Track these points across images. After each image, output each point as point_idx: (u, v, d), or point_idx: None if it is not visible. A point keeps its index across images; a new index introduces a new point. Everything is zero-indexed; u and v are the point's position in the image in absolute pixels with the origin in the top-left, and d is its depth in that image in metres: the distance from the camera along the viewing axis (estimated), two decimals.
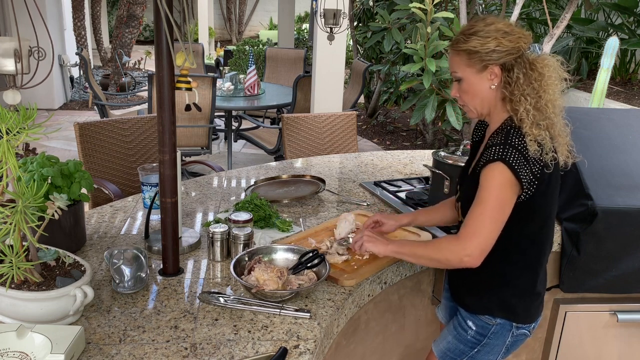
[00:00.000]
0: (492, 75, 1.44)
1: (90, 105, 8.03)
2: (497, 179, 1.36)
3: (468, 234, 1.38)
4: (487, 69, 1.43)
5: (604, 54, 3.02)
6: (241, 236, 1.66)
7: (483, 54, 1.41)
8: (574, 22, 5.48)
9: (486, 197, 1.37)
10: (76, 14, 9.54)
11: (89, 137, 2.80)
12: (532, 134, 1.38)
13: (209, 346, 1.26)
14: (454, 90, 1.53)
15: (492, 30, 1.41)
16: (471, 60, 1.44)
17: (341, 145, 3.50)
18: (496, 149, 1.38)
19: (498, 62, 1.42)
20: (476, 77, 1.45)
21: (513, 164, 1.35)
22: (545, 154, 1.39)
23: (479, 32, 1.42)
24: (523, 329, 1.57)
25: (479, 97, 1.47)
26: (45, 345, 1.14)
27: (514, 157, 1.36)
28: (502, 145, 1.38)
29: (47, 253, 1.32)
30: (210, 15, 13.04)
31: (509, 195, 1.38)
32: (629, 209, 1.87)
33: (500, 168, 1.36)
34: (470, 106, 1.51)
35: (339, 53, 4.72)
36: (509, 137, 1.39)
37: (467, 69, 1.45)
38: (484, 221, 1.37)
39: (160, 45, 1.41)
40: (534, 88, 1.41)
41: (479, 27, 1.42)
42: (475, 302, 1.58)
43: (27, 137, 1.16)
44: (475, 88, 1.47)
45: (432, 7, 4.13)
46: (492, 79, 1.44)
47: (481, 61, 1.42)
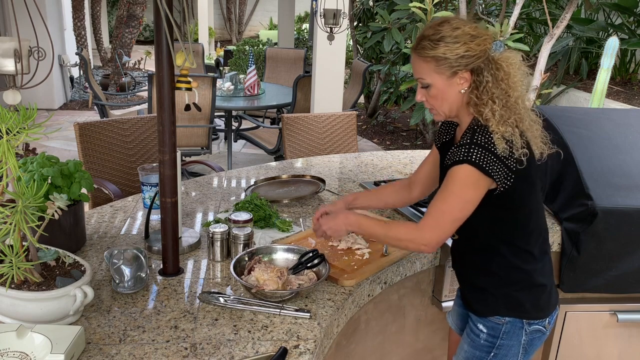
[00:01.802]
0: (461, 80, 1.40)
1: (90, 105, 8.02)
2: (461, 179, 1.37)
3: (428, 225, 1.41)
4: (457, 75, 1.40)
5: (604, 54, 3.02)
6: (241, 236, 1.66)
7: (452, 60, 1.38)
8: (574, 22, 5.48)
9: (449, 196, 1.39)
10: (76, 14, 9.53)
11: (89, 137, 2.79)
12: (499, 131, 1.37)
13: (209, 346, 1.26)
14: (420, 95, 1.49)
15: (460, 35, 1.37)
16: (440, 67, 1.39)
17: (341, 145, 3.50)
18: (462, 149, 1.37)
19: (467, 68, 1.39)
20: (445, 84, 1.42)
21: (480, 163, 1.35)
22: (515, 150, 1.37)
23: (446, 38, 1.38)
24: (536, 325, 1.53)
25: (448, 101, 1.44)
26: (45, 345, 1.14)
27: (480, 155, 1.35)
28: (467, 145, 1.37)
29: (47, 253, 1.32)
30: (210, 15, 13.04)
31: (472, 194, 1.38)
32: (629, 209, 1.87)
33: (465, 169, 1.36)
34: (439, 110, 1.48)
35: (339, 53, 4.71)
36: (475, 136, 1.38)
37: (436, 75, 1.41)
38: (444, 218, 1.40)
39: (160, 45, 1.41)
40: (502, 88, 1.39)
41: (446, 32, 1.38)
42: (482, 304, 1.55)
43: (27, 137, 1.16)
44: (444, 94, 1.43)
45: (432, 7, 4.13)
46: (461, 84, 1.41)
47: (450, 68, 1.39)
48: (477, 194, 1.39)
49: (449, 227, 1.41)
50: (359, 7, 7.61)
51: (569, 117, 2.23)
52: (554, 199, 2.09)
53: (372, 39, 5.95)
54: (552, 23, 4.48)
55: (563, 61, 5.67)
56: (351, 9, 6.83)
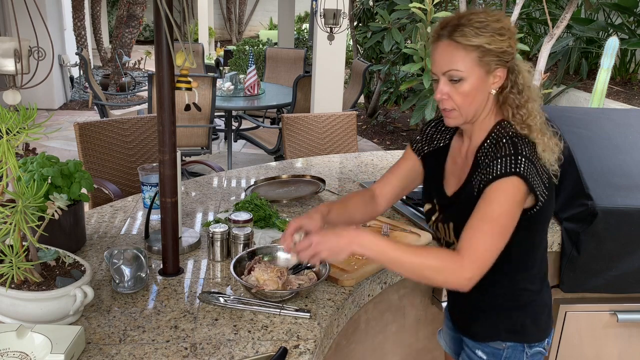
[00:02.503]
0: (495, 78, 1.27)
1: (90, 105, 8.02)
2: (511, 194, 1.21)
3: (474, 254, 1.19)
4: (493, 72, 1.26)
5: (604, 54, 3.02)
6: (241, 236, 1.66)
7: (498, 53, 1.24)
8: (574, 22, 5.48)
9: (497, 214, 1.20)
10: (76, 14, 9.53)
11: (89, 137, 2.79)
12: (541, 142, 1.25)
13: (209, 346, 1.26)
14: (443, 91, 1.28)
15: (504, 28, 1.24)
16: (483, 59, 1.24)
17: (341, 145, 3.50)
18: (507, 160, 1.22)
19: (507, 65, 1.27)
20: (482, 80, 1.26)
21: (528, 177, 1.21)
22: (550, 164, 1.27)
23: (491, 27, 1.23)
24: (536, 347, 1.43)
25: (476, 102, 1.28)
26: (45, 345, 1.14)
27: (527, 168, 1.21)
28: (513, 156, 1.22)
29: (47, 253, 1.32)
30: (210, 15, 13.04)
31: (518, 211, 1.23)
32: (629, 209, 1.87)
33: (515, 182, 1.20)
34: (463, 111, 1.29)
35: (339, 53, 4.71)
36: (519, 146, 1.24)
37: (476, 69, 1.25)
38: (492, 241, 1.20)
39: (160, 45, 1.41)
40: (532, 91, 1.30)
41: (491, 21, 1.23)
42: (481, 329, 1.45)
43: (27, 137, 1.16)
44: (477, 92, 1.27)
45: (432, 7, 4.13)
46: (494, 83, 1.28)
47: (493, 62, 1.25)
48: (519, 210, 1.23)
49: (495, 252, 1.21)
50: (359, 7, 7.61)
51: (569, 117, 2.23)
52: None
53: (372, 39, 5.95)
54: (552, 23, 4.48)
55: (563, 61, 5.67)
56: (351, 9, 6.83)
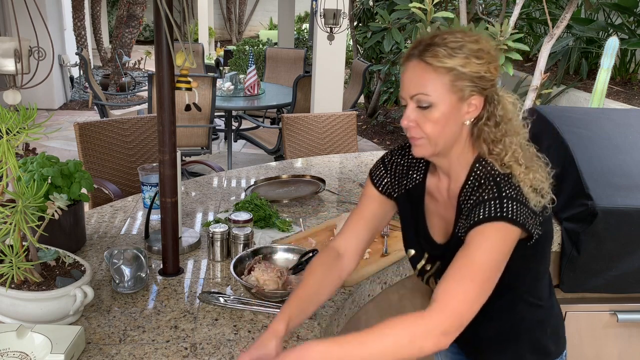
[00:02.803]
0: (470, 107, 1.12)
1: (90, 105, 8.02)
2: (497, 238, 1.09)
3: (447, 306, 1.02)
4: (467, 100, 1.11)
5: (604, 54, 3.02)
6: (241, 236, 1.66)
7: (474, 78, 1.09)
8: (574, 22, 5.48)
9: (480, 262, 1.06)
10: (76, 14, 9.53)
11: (89, 137, 2.79)
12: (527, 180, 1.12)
13: (209, 346, 1.26)
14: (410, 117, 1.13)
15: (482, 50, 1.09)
16: (456, 84, 1.09)
17: (341, 145, 3.50)
18: (492, 204, 1.09)
19: (483, 93, 1.11)
20: (454, 108, 1.11)
21: (517, 219, 1.09)
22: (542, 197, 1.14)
23: (467, 47, 1.08)
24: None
25: (448, 132, 1.13)
26: (45, 345, 1.14)
27: (516, 209, 1.09)
28: (498, 199, 1.10)
29: (47, 253, 1.32)
30: (210, 15, 13.05)
31: (507, 255, 1.10)
32: (629, 209, 1.87)
33: (502, 227, 1.08)
34: (432, 141, 1.14)
35: (339, 53, 4.72)
36: (501, 187, 1.11)
37: (448, 94, 1.09)
38: (472, 291, 1.04)
39: (160, 45, 1.41)
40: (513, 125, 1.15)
41: (467, 42, 1.09)
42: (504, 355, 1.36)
43: (27, 137, 1.16)
44: (448, 120, 1.11)
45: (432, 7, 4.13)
46: (469, 112, 1.12)
47: (467, 88, 1.09)
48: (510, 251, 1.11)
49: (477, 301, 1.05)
50: (359, 7, 7.61)
51: (569, 117, 2.23)
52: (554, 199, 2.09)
53: (372, 39, 5.95)
54: (552, 23, 4.48)
55: (563, 61, 5.66)
56: (351, 9, 6.83)
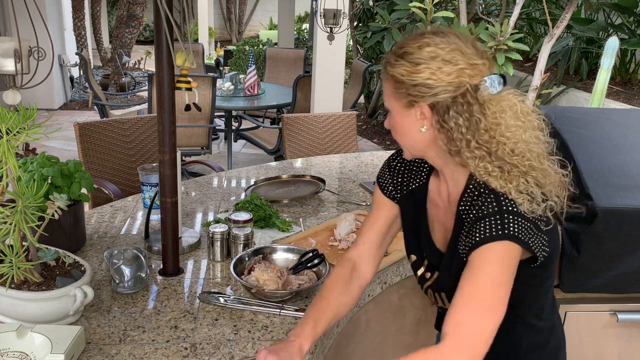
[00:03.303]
0: (420, 115, 1.10)
1: (90, 105, 8.02)
2: (500, 259, 1.04)
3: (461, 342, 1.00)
4: (415, 107, 1.10)
5: (604, 54, 3.02)
6: (241, 236, 1.66)
7: (410, 86, 1.08)
8: (574, 22, 5.48)
9: (484, 288, 1.03)
10: (76, 14, 9.53)
11: (89, 137, 2.79)
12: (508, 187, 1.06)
13: (209, 346, 1.26)
14: (386, 122, 1.21)
15: (425, 56, 1.06)
16: (398, 90, 1.11)
17: (341, 145, 3.50)
18: (492, 220, 1.05)
19: (426, 101, 1.08)
20: (402, 114, 1.13)
21: (520, 237, 1.04)
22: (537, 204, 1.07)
23: (408, 56, 1.08)
24: None
25: (408, 137, 1.15)
26: (45, 345, 1.14)
27: (519, 226, 1.04)
28: (498, 214, 1.05)
29: (47, 253, 1.32)
30: (210, 15, 13.04)
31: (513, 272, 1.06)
32: (629, 209, 1.87)
33: (505, 246, 1.04)
34: (402, 145, 1.19)
35: (339, 53, 4.71)
36: (501, 201, 1.06)
37: (393, 100, 1.14)
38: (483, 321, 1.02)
39: (160, 45, 1.41)
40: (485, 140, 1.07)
41: (411, 48, 1.09)
42: None
43: (27, 137, 1.16)
44: (402, 126, 1.15)
45: (432, 7, 4.13)
46: (421, 120, 1.11)
47: (407, 95, 1.09)
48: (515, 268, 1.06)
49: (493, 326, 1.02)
50: (359, 7, 7.61)
51: (569, 117, 2.23)
52: None
53: (372, 39, 5.95)
54: (552, 23, 4.48)
55: (563, 61, 5.66)
56: (351, 9, 6.83)
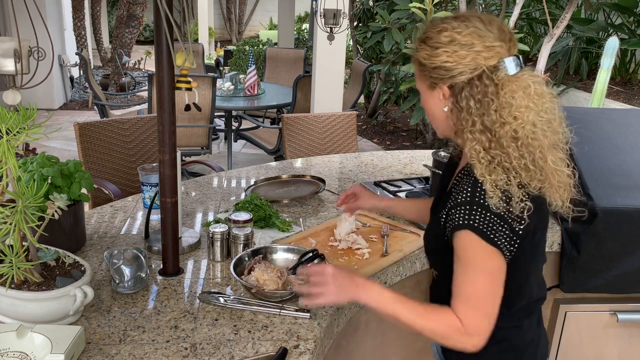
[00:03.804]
0: (442, 96, 1.19)
1: (90, 105, 8.03)
2: (472, 250, 1.13)
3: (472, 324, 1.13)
4: (436, 88, 1.19)
5: (604, 54, 3.02)
6: (241, 236, 1.66)
7: (430, 69, 1.16)
8: (574, 22, 5.48)
9: (471, 275, 1.14)
10: (76, 14, 9.54)
11: (89, 137, 2.80)
12: (487, 179, 1.11)
13: (209, 346, 1.26)
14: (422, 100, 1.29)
15: (443, 40, 1.14)
16: (422, 73, 1.20)
17: (341, 145, 3.50)
18: (461, 210, 1.13)
19: (445, 83, 1.16)
20: (428, 95, 1.22)
21: (483, 229, 1.10)
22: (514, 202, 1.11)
23: (429, 41, 1.16)
24: None
25: (435, 117, 1.24)
26: (45, 345, 1.14)
27: (483, 219, 1.11)
28: (467, 205, 1.13)
29: (47, 253, 1.32)
30: (210, 15, 13.05)
31: (494, 262, 1.13)
32: (629, 209, 1.87)
33: (469, 237, 1.12)
34: (432, 125, 1.29)
35: (339, 53, 4.72)
36: (476, 192, 1.13)
37: (420, 82, 1.23)
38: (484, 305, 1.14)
39: (160, 45, 1.41)
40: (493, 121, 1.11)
41: (431, 33, 1.17)
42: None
43: (27, 137, 1.16)
44: (428, 106, 1.24)
45: (432, 7, 4.13)
46: (443, 100, 1.19)
47: (429, 77, 1.18)
48: (496, 260, 1.13)
49: (492, 311, 1.14)
50: (359, 7, 7.62)
51: (569, 117, 2.22)
52: None
53: (372, 39, 5.95)
54: (552, 23, 4.48)
55: (563, 61, 5.67)
56: (351, 9, 6.83)
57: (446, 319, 1.15)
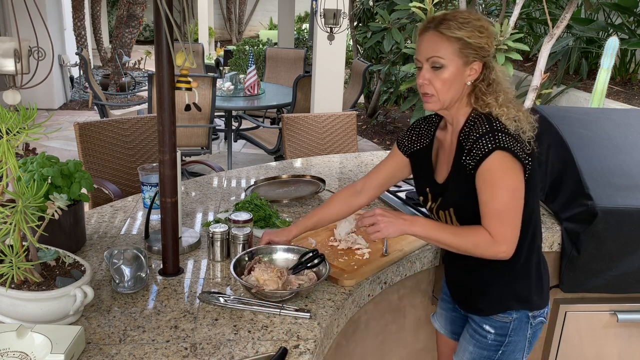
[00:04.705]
0: (472, 71, 1.41)
1: (90, 105, 8.02)
2: (501, 168, 1.35)
3: (500, 234, 1.36)
4: (469, 65, 1.41)
5: (604, 54, 3.02)
6: (241, 236, 1.66)
7: (476, 48, 1.39)
8: (574, 22, 5.47)
9: (499, 192, 1.35)
10: (76, 14, 9.53)
11: (89, 137, 2.79)
12: (503, 113, 1.39)
13: (209, 346, 1.26)
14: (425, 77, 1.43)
15: (483, 26, 1.39)
16: (462, 51, 1.39)
17: (341, 145, 3.50)
18: (486, 139, 1.36)
19: (482, 60, 1.41)
20: (460, 70, 1.40)
21: (510, 147, 1.34)
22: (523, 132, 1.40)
23: (472, 24, 1.38)
24: (539, 317, 1.55)
25: (453, 89, 1.43)
26: (45, 345, 1.14)
27: (506, 140, 1.35)
28: (490, 133, 1.36)
29: (47, 253, 1.32)
30: (210, 15, 13.04)
31: (519, 179, 1.37)
32: (629, 209, 1.87)
33: (499, 156, 1.34)
34: (441, 97, 1.44)
35: (339, 53, 4.71)
36: (492, 123, 1.38)
37: (456, 59, 1.39)
38: (509, 217, 1.36)
39: (160, 45, 1.41)
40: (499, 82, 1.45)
41: (472, 19, 1.39)
42: (490, 302, 1.54)
43: (27, 137, 1.16)
44: (454, 80, 1.41)
45: (432, 6, 4.13)
46: (471, 75, 1.42)
47: (471, 55, 1.39)
48: (519, 178, 1.37)
49: (516, 224, 1.38)
50: (359, 7, 7.61)
51: (569, 117, 2.23)
52: (554, 199, 2.09)
53: (372, 39, 5.95)
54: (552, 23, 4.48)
55: (563, 61, 5.66)
56: (351, 9, 6.83)
57: (478, 234, 1.39)
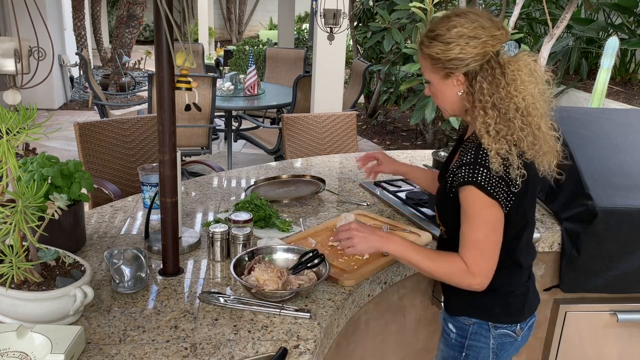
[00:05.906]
0: (457, 82, 1.36)
1: (90, 105, 8.03)
2: (475, 203, 1.31)
3: (476, 266, 1.33)
4: (452, 76, 1.36)
5: (604, 54, 3.02)
6: (241, 236, 1.66)
7: (445, 61, 1.33)
8: (574, 22, 5.48)
9: (476, 224, 1.32)
10: (76, 14, 9.54)
11: (89, 137, 2.80)
12: (492, 148, 1.30)
13: (209, 346, 1.26)
14: (426, 90, 1.48)
15: (454, 35, 1.31)
16: (435, 66, 1.37)
17: (341, 145, 3.50)
18: (466, 169, 1.32)
19: (460, 71, 1.33)
20: (442, 83, 1.39)
21: (485, 185, 1.29)
22: (512, 170, 1.30)
23: (440, 37, 1.33)
24: (503, 329, 1.49)
25: (449, 101, 1.41)
26: (45, 345, 1.14)
27: (485, 176, 1.29)
28: (472, 165, 1.31)
29: (47, 253, 1.32)
30: (210, 15, 13.05)
31: (495, 214, 1.32)
32: (629, 209, 1.87)
33: (473, 191, 1.31)
34: (442, 107, 1.45)
35: (339, 53, 4.72)
36: (479, 154, 1.32)
37: (432, 74, 1.39)
38: (487, 249, 1.33)
39: (160, 45, 1.41)
40: (502, 97, 1.30)
41: (441, 30, 1.33)
42: (453, 303, 1.55)
43: (27, 137, 1.16)
44: (443, 93, 1.40)
45: (432, 6, 4.13)
46: (458, 86, 1.37)
47: (444, 68, 1.35)
48: (498, 213, 1.32)
49: (493, 256, 1.34)
50: (359, 7, 7.61)
51: (569, 117, 2.23)
52: (554, 199, 2.09)
53: (372, 39, 5.95)
54: (552, 23, 4.48)
55: (563, 61, 5.67)
56: (351, 9, 6.84)
57: (454, 262, 1.36)
